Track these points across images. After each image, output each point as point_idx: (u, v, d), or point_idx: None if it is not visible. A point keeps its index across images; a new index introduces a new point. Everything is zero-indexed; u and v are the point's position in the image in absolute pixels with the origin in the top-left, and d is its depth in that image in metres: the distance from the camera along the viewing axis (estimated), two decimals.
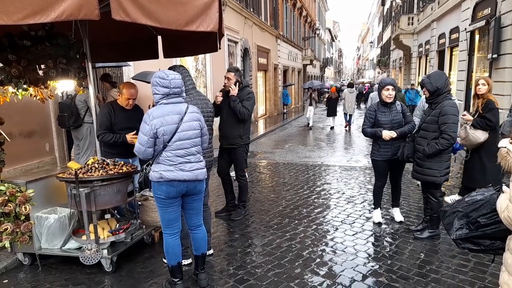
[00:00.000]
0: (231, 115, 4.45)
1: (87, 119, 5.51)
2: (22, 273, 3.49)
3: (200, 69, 11.80)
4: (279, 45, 22.31)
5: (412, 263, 3.50)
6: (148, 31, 4.38)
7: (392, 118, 4.16)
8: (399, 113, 4.19)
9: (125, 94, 3.91)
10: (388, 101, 4.13)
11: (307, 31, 33.23)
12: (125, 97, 3.91)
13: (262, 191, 6.11)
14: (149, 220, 4.13)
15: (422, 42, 20.44)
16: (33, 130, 5.83)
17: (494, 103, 4.37)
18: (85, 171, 3.35)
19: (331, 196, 5.71)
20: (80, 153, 5.73)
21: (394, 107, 4.20)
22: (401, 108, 4.23)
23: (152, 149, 2.82)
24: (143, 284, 3.25)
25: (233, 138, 4.55)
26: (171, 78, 2.82)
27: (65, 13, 2.32)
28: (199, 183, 2.99)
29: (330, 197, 5.66)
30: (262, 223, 4.61)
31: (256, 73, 17.58)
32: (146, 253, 3.82)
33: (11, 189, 3.32)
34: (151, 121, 2.77)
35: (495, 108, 4.35)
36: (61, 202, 3.70)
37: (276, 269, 3.44)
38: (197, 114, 2.98)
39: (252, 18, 16.18)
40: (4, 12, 2.31)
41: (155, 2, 2.72)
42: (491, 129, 4.41)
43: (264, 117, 19.43)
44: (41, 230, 3.48)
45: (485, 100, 4.40)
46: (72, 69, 3.47)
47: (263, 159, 9.01)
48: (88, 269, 3.43)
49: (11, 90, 3.39)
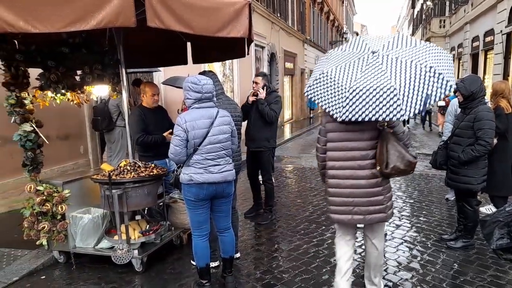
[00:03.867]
0: (259, 119, 4.52)
1: (119, 123, 5.69)
2: (57, 270, 3.64)
3: (228, 74, 11.94)
4: (306, 49, 22.25)
5: (445, 274, 3.39)
6: (178, 38, 4.48)
7: None
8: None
9: (148, 91, 4.02)
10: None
11: (334, 35, 32.97)
12: (150, 94, 4.01)
13: (289, 196, 6.09)
14: (177, 222, 4.20)
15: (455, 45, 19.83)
16: (69, 133, 6.09)
17: (503, 109, 4.20)
18: (117, 173, 3.46)
19: None
20: (112, 155, 5.91)
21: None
22: None
23: (186, 152, 2.88)
24: (172, 285, 3.31)
25: (260, 141, 4.61)
26: (203, 83, 2.88)
27: (103, 21, 2.43)
28: (228, 185, 3.02)
29: None
30: (289, 228, 4.60)
31: (282, 78, 17.61)
32: (175, 254, 3.89)
33: (49, 189, 3.48)
34: (184, 124, 2.84)
35: (502, 115, 4.18)
36: (94, 202, 3.83)
37: (304, 274, 3.42)
38: (227, 118, 3.02)
39: (279, 23, 16.23)
40: (47, 21, 2.44)
41: (188, 9, 2.80)
42: (499, 135, 4.23)
43: (290, 121, 19.39)
44: (75, 229, 3.61)
45: (494, 106, 4.26)
46: (107, 74, 3.62)
47: (290, 164, 8.98)
48: (120, 268, 3.53)
49: (50, 95, 3.56)
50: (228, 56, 4.90)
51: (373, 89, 2.21)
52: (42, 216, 3.49)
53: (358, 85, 2.26)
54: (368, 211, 2.55)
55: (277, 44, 16.16)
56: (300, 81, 21.19)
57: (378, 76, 2.24)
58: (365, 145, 2.51)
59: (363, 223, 2.64)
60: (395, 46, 2.38)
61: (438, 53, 2.31)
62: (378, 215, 2.55)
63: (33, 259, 3.69)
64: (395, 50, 2.35)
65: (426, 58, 2.24)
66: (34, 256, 3.73)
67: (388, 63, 2.28)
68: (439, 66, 2.21)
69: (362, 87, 2.24)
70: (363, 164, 2.51)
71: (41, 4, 2.48)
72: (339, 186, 2.59)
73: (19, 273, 3.46)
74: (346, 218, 2.62)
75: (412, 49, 2.33)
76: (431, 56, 2.25)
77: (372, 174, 2.51)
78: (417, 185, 6.51)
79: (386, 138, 2.44)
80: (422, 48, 2.33)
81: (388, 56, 2.32)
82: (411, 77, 2.19)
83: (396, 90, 2.16)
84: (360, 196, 2.54)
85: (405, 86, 2.17)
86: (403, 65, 2.24)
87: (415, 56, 2.26)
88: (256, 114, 4.51)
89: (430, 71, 2.18)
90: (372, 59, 2.34)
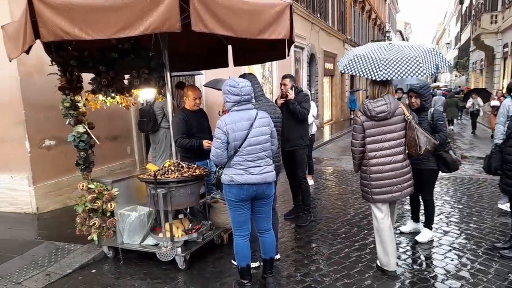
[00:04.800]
0: (291, 118, 4.58)
1: (164, 125, 5.89)
2: (106, 264, 3.83)
3: (267, 76, 11.99)
4: (347, 49, 21.81)
5: (499, 284, 3.19)
6: (219, 41, 4.57)
7: None
8: (426, 121, 3.84)
9: (191, 95, 4.10)
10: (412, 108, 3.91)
11: (376, 34, 32.07)
12: (192, 98, 4.09)
13: (329, 198, 6.00)
14: (218, 222, 4.27)
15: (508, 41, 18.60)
16: (117, 134, 6.39)
17: None
18: (162, 173, 3.58)
19: (403, 206, 5.42)
20: (156, 156, 6.12)
21: (423, 115, 3.86)
22: (431, 117, 3.86)
23: (227, 154, 2.94)
24: (214, 283, 3.37)
25: (295, 139, 4.67)
26: (242, 86, 2.92)
27: (151, 27, 2.54)
28: (268, 186, 3.04)
29: (402, 207, 5.38)
30: (329, 231, 4.53)
31: (322, 79, 17.40)
32: (216, 253, 3.96)
33: (99, 188, 3.68)
34: (224, 127, 2.89)
35: None
36: (140, 201, 4.00)
37: (345, 279, 3.36)
38: (267, 119, 3.04)
39: (319, 23, 16.06)
40: (99, 28, 2.60)
41: (230, 12, 2.85)
42: None
43: (330, 123, 19.09)
44: (123, 226, 3.78)
45: None
46: (153, 78, 3.76)
47: (329, 166, 8.85)
48: (164, 265, 3.65)
49: (101, 98, 3.76)
50: (269, 58, 4.93)
51: (401, 58, 3.07)
52: (93, 212, 3.69)
53: (389, 57, 3.09)
54: (404, 187, 3.26)
55: (316, 44, 16.00)
56: (340, 82, 20.82)
57: (400, 52, 3.15)
58: (397, 135, 3.19)
59: (400, 198, 3.34)
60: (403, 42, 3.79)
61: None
62: (410, 188, 3.32)
63: (84, 253, 3.90)
64: (403, 42, 3.42)
65: (427, 45, 3.43)
66: (85, 251, 3.95)
67: (403, 46, 3.23)
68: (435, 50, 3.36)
69: (393, 57, 3.09)
70: (398, 150, 3.20)
71: (93, 13, 2.63)
72: (381, 171, 3.21)
73: (72, 266, 3.68)
74: (387, 197, 3.25)
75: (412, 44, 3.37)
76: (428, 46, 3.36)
77: (404, 157, 3.24)
78: (467, 190, 6.18)
79: (414, 129, 3.13)
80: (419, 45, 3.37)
81: (401, 44, 3.30)
82: (424, 52, 3.17)
83: (417, 57, 3.06)
84: (397, 176, 3.22)
85: (421, 56, 3.10)
86: (415, 47, 3.22)
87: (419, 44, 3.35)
88: (287, 114, 4.57)
89: (434, 50, 3.32)
90: (391, 45, 3.25)
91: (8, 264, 3.72)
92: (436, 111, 3.89)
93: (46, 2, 2.58)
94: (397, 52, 3.11)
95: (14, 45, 3.12)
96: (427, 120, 3.83)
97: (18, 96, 4.92)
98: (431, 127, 3.78)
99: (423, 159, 3.79)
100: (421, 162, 3.87)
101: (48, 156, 5.25)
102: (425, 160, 3.84)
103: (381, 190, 3.22)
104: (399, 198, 3.29)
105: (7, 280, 3.43)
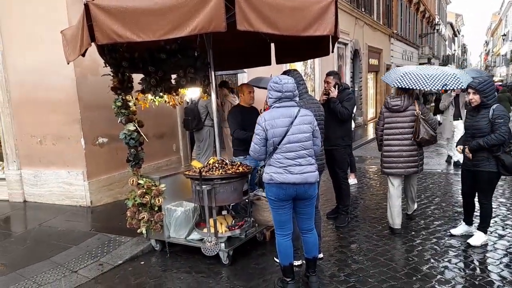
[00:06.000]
0: (332, 117, 4.45)
1: (207, 123, 6.04)
2: (154, 257, 3.99)
3: (309, 73, 11.86)
4: (392, 44, 21.06)
5: None
6: (262, 39, 4.59)
7: (473, 123, 3.73)
8: (486, 119, 3.62)
9: (245, 89, 4.51)
10: (471, 105, 3.78)
11: (425, 27, 30.64)
12: (247, 92, 4.48)
13: (373, 198, 5.84)
14: (261, 219, 4.31)
15: None
16: (163, 132, 6.64)
17: None
18: (207, 169, 3.67)
19: (454, 207, 5.16)
20: (200, 153, 6.29)
21: (484, 112, 3.65)
22: (492, 114, 3.60)
23: (265, 150, 2.95)
24: (257, 280, 3.41)
25: (335, 139, 4.54)
26: (284, 82, 2.91)
27: (197, 27, 2.61)
28: (310, 187, 2.98)
29: (452, 209, 5.12)
30: (374, 231, 4.41)
31: (366, 75, 16.91)
32: (258, 250, 4.00)
33: (148, 183, 3.84)
34: (263, 123, 2.91)
35: None
36: (186, 196, 4.12)
37: (391, 281, 3.26)
38: (309, 117, 2.98)
39: (364, 18, 15.62)
40: (150, 30, 2.71)
41: (274, 10, 2.85)
42: None
43: (374, 120, 18.53)
44: (170, 221, 3.92)
45: None
46: (199, 77, 3.86)
47: (373, 164, 8.60)
48: (208, 259, 3.74)
49: (150, 97, 3.92)
50: (312, 55, 4.88)
51: (442, 74, 4.10)
52: (142, 207, 3.87)
53: (433, 73, 4.12)
54: (407, 166, 4.18)
55: (360, 40, 15.57)
56: None
57: (440, 70, 4.27)
58: (407, 125, 4.11)
59: (404, 174, 4.28)
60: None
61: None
62: (413, 169, 4.20)
63: (134, 246, 4.10)
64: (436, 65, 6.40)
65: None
66: (135, 243, 4.15)
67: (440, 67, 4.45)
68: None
69: (435, 73, 4.11)
70: (406, 137, 4.12)
71: (144, 16, 2.75)
72: (391, 151, 4.21)
73: (122, 257, 3.88)
74: (393, 171, 4.23)
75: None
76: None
77: (411, 142, 4.12)
78: None
79: (419, 121, 4.04)
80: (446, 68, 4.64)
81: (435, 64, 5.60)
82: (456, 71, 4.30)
83: (455, 74, 4.14)
84: (403, 156, 4.15)
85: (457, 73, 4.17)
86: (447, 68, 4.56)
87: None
88: (328, 113, 4.45)
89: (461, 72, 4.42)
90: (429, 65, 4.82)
91: (66, 253, 4.00)
92: (497, 108, 3.63)
93: (101, 6, 2.73)
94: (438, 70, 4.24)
95: (71, 49, 3.34)
96: (487, 118, 3.61)
97: (75, 96, 5.26)
98: (491, 125, 3.59)
99: (482, 160, 3.67)
100: (480, 164, 3.70)
101: (101, 153, 5.57)
102: (484, 161, 3.67)
103: (389, 165, 4.23)
104: (402, 173, 4.25)
105: (65, 268, 3.68)
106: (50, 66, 5.26)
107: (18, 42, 5.59)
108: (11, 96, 5.79)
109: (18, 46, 5.60)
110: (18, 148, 5.88)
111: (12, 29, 5.60)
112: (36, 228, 4.81)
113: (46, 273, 3.59)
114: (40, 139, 5.68)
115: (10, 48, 5.68)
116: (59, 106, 5.39)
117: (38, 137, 5.69)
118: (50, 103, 5.45)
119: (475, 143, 3.66)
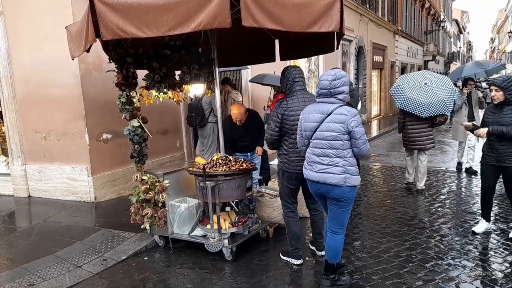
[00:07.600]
0: None
1: (211, 119, 6.01)
2: (157, 253, 4.00)
3: (313, 70, 11.82)
4: (397, 41, 20.93)
5: None
6: (266, 35, 4.57)
7: (498, 119, 3.76)
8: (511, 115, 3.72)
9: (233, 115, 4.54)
10: (494, 102, 3.82)
11: (430, 24, 30.42)
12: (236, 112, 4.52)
13: (377, 195, 5.83)
14: (264, 216, 4.32)
15: None
16: (167, 128, 6.64)
17: None
18: (211, 166, 3.67)
19: (459, 205, 5.14)
20: (204, 149, 6.28)
21: (508, 108, 3.72)
22: None
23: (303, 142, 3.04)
24: (260, 276, 3.41)
25: None
26: (322, 79, 2.90)
27: (202, 23, 2.60)
28: (333, 188, 2.85)
29: (456, 206, 5.10)
30: (377, 229, 4.40)
31: (370, 72, 16.84)
32: (261, 247, 4.00)
33: (152, 179, 3.84)
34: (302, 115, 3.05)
35: None
36: (189, 193, 4.13)
37: (395, 278, 3.25)
38: (343, 116, 2.80)
39: (368, 14, 15.53)
40: (154, 26, 2.70)
41: (280, 6, 2.84)
42: None
43: (378, 117, 18.47)
44: (173, 217, 3.93)
45: None
46: (203, 74, 3.85)
47: (377, 162, 8.58)
48: (211, 255, 3.75)
49: (154, 94, 3.91)
50: (316, 51, 4.85)
51: (433, 102, 5.33)
52: (146, 203, 3.88)
53: (427, 101, 5.36)
54: (423, 143, 5.65)
55: (365, 36, 15.49)
56: (390, 75, 20.01)
57: (434, 94, 5.42)
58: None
59: (419, 149, 5.75)
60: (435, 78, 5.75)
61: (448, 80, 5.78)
62: (428, 145, 5.68)
63: (137, 241, 4.11)
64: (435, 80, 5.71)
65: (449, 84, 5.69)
66: (138, 239, 4.16)
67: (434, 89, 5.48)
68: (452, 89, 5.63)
69: (430, 101, 5.34)
70: (425, 121, 5.53)
71: (148, 12, 2.74)
72: (412, 133, 5.67)
73: (126, 252, 3.90)
74: (412, 146, 5.78)
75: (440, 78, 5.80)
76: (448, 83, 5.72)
77: (428, 126, 5.63)
78: None
79: None
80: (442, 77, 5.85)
81: (432, 85, 5.56)
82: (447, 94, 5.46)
83: (444, 101, 5.36)
84: (419, 137, 5.65)
85: (447, 99, 5.40)
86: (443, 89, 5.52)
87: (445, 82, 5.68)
88: None
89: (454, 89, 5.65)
90: (426, 87, 5.54)
91: (70, 248, 4.02)
92: None
93: (106, 2, 2.72)
94: (432, 95, 5.38)
95: (76, 44, 3.33)
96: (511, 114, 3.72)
97: (79, 92, 5.27)
98: None
99: (510, 155, 3.72)
100: (506, 159, 3.74)
101: (105, 149, 5.58)
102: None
103: (409, 142, 5.76)
104: (417, 149, 5.74)
105: (69, 263, 3.71)
106: (55, 62, 5.27)
107: (23, 39, 5.61)
108: (16, 92, 5.81)
109: (23, 43, 5.62)
110: (23, 144, 5.91)
111: (17, 25, 5.61)
112: (40, 223, 4.84)
113: (51, 267, 3.62)
114: (44, 134, 5.71)
115: (15, 45, 5.69)
116: (64, 102, 5.41)
117: (43, 132, 5.71)
118: (54, 99, 5.46)
119: (498, 129, 3.70)
